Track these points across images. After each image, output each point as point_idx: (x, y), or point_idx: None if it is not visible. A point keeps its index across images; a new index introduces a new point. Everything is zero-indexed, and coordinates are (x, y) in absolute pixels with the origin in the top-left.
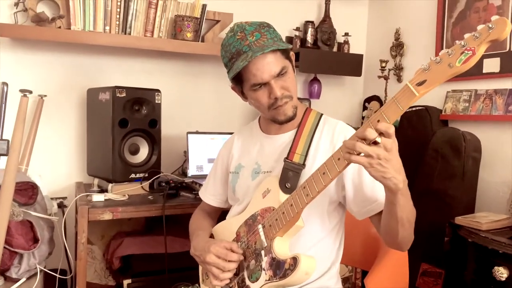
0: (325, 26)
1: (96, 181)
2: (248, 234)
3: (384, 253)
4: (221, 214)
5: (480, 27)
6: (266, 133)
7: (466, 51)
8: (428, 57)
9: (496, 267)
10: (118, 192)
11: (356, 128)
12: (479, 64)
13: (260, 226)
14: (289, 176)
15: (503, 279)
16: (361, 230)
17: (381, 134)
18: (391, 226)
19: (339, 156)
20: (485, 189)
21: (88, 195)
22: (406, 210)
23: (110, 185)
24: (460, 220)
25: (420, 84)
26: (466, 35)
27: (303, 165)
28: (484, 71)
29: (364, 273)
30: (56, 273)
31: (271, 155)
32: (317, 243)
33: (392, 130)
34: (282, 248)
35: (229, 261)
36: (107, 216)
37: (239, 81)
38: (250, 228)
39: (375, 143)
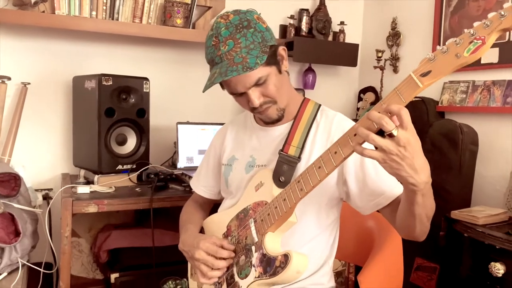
0: (320, 14)
1: (82, 172)
2: (239, 228)
3: (378, 249)
4: (213, 206)
5: (491, 14)
6: (260, 125)
7: (475, 40)
8: (425, 47)
9: (492, 263)
10: (104, 184)
11: (355, 120)
12: None
13: (251, 221)
14: (284, 169)
15: (500, 275)
16: (354, 224)
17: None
18: (408, 223)
19: (336, 149)
20: (481, 182)
21: (73, 187)
22: (427, 208)
23: (96, 177)
24: (456, 214)
25: (424, 74)
26: (476, 23)
27: (299, 158)
28: (482, 62)
29: (357, 268)
30: (41, 267)
31: (266, 148)
32: (311, 240)
33: (406, 117)
34: (273, 244)
35: (219, 258)
36: (92, 209)
37: (220, 84)
38: (241, 222)
39: (390, 135)
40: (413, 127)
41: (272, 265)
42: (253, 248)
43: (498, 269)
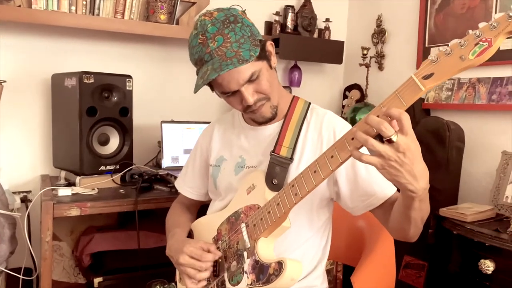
0: (305, 11)
1: (63, 173)
2: (230, 232)
3: (371, 249)
4: (200, 208)
5: (498, 15)
6: (250, 124)
7: (481, 42)
8: (410, 45)
9: (482, 260)
10: (86, 185)
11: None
12: None
13: (243, 225)
14: (276, 171)
15: (489, 272)
16: (345, 224)
17: (397, 131)
18: (403, 226)
19: (333, 153)
20: (468, 179)
21: (53, 189)
22: (423, 212)
23: (78, 178)
24: (444, 211)
25: (426, 77)
26: (481, 24)
27: (291, 159)
28: None
29: (345, 267)
30: (20, 273)
31: (256, 149)
32: (304, 243)
33: (406, 122)
34: (266, 250)
35: (204, 262)
36: (75, 212)
37: (209, 85)
38: (232, 226)
39: (389, 141)
40: (413, 132)
41: (265, 273)
42: (245, 253)
43: (488, 266)
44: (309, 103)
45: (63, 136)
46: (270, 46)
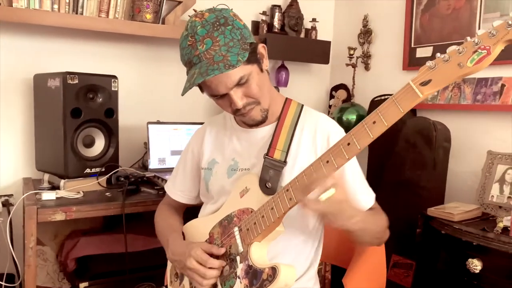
0: (292, 10)
1: (46, 176)
2: (223, 236)
3: (362, 251)
4: (187, 210)
5: (496, 23)
6: (242, 127)
7: (479, 50)
8: (397, 45)
9: (470, 259)
10: (71, 189)
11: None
12: None
13: (236, 229)
14: (270, 174)
15: (477, 271)
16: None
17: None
18: (363, 242)
19: (328, 159)
20: (454, 179)
21: (37, 193)
22: (372, 232)
23: (62, 181)
24: (432, 211)
25: (424, 84)
26: (480, 32)
27: (285, 162)
28: None
29: (334, 267)
30: (2, 279)
31: (249, 151)
32: (297, 246)
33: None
34: (259, 255)
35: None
36: (60, 216)
37: (199, 86)
38: (225, 229)
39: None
40: (342, 184)
41: (258, 278)
42: (238, 258)
43: (476, 265)
44: (302, 105)
45: (46, 138)
46: (262, 49)
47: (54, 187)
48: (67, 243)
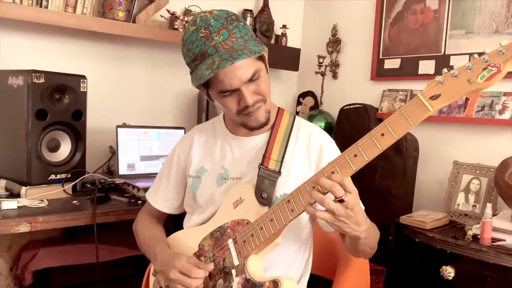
0: (264, 16)
1: (2, 182)
2: (215, 249)
3: (346, 262)
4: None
5: (504, 42)
6: (234, 134)
7: (489, 67)
8: (365, 56)
9: (444, 266)
10: (34, 196)
11: None
12: (415, 65)
13: (230, 241)
14: (265, 184)
15: (450, 278)
16: (316, 236)
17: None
18: (355, 253)
19: (334, 170)
20: (421, 187)
21: None
22: (370, 242)
23: (24, 189)
24: (405, 219)
25: (434, 98)
26: (487, 50)
27: (279, 172)
28: (420, 72)
29: (313, 276)
30: None
31: (241, 160)
32: (289, 257)
33: (349, 182)
34: (257, 268)
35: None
36: (24, 228)
37: (204, 85)
38: (217, 242)
39: (340, 200)
40: (355, 188)
41: None
42: (234, 271)
43: (449, 272)
44: (294, 116)
45: (6, 141)
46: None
47: (13, 195)
48: (24, 254)
